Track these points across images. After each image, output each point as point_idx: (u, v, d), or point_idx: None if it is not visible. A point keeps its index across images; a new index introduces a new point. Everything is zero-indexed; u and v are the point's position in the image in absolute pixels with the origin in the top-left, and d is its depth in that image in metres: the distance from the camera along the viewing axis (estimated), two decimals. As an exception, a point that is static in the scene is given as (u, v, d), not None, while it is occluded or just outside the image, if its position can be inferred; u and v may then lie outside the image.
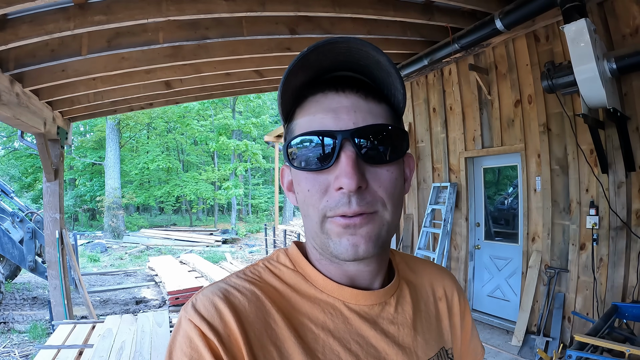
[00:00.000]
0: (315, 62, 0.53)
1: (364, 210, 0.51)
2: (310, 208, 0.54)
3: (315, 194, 0.53)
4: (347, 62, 0.55)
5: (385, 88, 0.57)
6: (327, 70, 0.57)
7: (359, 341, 0.56)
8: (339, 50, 0.52)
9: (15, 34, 2.85)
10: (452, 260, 5.29)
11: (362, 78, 0.57)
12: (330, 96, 0.54)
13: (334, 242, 0.53)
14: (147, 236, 15.82)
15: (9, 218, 7.00)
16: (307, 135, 0.53)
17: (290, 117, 0.58)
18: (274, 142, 13.59)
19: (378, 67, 0.54)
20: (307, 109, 0.55)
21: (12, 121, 3.85)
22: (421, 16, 3.91)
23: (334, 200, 0.51)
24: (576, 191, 3.82)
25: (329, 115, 0.53)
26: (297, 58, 0.50)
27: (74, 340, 4.10)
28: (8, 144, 20.76)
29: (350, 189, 0.50)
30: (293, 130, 0.56)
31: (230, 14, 3.25)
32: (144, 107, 6.07)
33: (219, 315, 0.51)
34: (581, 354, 2.29)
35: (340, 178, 0.50)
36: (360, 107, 0.53)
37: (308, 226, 0.57)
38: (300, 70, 0.52)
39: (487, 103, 4.74)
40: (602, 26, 3.41)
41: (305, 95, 0.56)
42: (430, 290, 0.71)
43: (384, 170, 0.54)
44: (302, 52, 0.50)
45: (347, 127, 0.52)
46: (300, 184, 0.55)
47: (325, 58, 0.53)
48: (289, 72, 0.51)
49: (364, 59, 0.54)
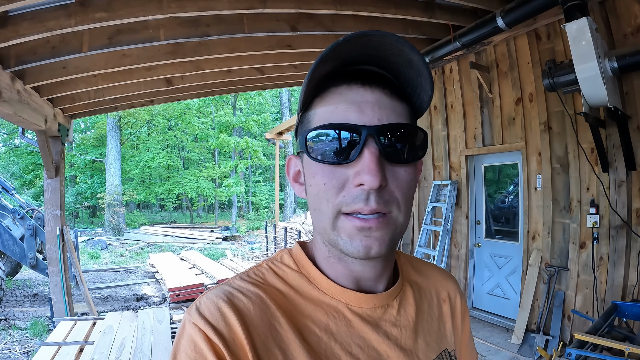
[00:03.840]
0: (345, 53, 0.51)
1: (380, 210, 0.50)
2: (323, 202, 0.53)
3: (331, 188, 0.52)
4: (375, 57, 0.54)
5: (411, 88, 0.56)
6: (353, 63, 0.55)
7: (360, 344, 0.56)
8: (372, 44, 0.51)
9: (16, 31, 2.85)
10: (453, 258, 5.29)
11: (386, 75, 0.56)
12: (355, 89, 0.52)
13: (344, 241, 0.52)
14: (147, 233, 15.83)
15: (10, 215, 7.01)
16: (329, 127, 0.52)
17: (307, 107, 0.57)
18: (275, 140, 13.59)
19: (409, 66, 0.53)
20: (328, 99, 0.53)
21: (13, 118, 3.85)
22: (422, 14, 3.90)
23: (351, 196, 0.51)
24: (577, 190, 3.82)
25: (353, 108, 0.51)
26: (331, 46, 0.48)
27: (74, 336, 4.11)
28: (9, 140, 20.80)
29: (372, 187, 0.49)
30: (310, 120, 0.55)
31: (231, 11, 3.25)
32: (144, 104, 6.07)
33: (224, 318, 0.50)
34: (581, 352, 2.30)
35: (363, 175, 0.49)
36: (384, 104, 0.52)
37: (318, 221, 0.55)
38: (330, 60, 0.51)
39: (488, 101, 4.74)
40: (603, 25, 3.40)
41: (327, 85, 0.54)
42: (434, 292, 0.71)
43: (402, 170, 0.53)
44: (337, 41, 0.48)
45: (371, 123, 0.51)
46: (315, 176, 0.54)
47: (356, 50, 0.52)
48: (320, 60, 0.49)
49: (395, 56, 0.53)
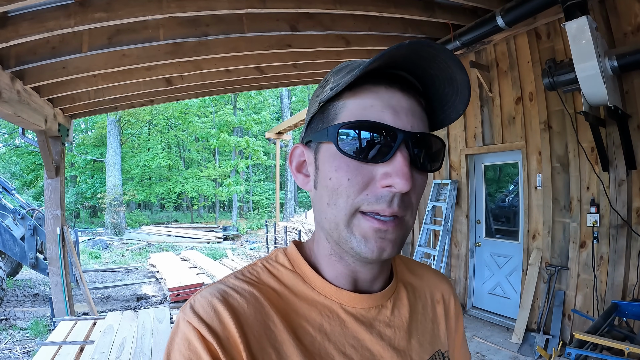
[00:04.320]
0: (399, 56, 0.51)
1: (399, 213, 0.51)
2: (342, 197, 0.52)
3: (355, 185, 0.51)
4: (418, 67, 0.54)
5: (439, 102, 0.57)
6: (395, 66, 0.55)
7: (354, 344, 0.56)
8: (423, 54, 0.51)
9: (16, 31, 2.84)
10: (453, 258, 5.29)
11: (417, 84, 0.57)
12: (391, 92, 0.53)
13: (358, 240, 0.52)
14: (148, 233, 15.82)
15: (10, 215, 7.01)
16: (367, 124, 0.51)
17: (333, 97, 0.55)
18: (275, 139, 13.61)
19: (449, 83, 0.54)
20: (362, 96, 0.53)
21: (13, 118, 3.85)
22: (422, 13, 3.90)
23: (375, 195, 0.51)
24: (577, 189, 3.82)
25: (389, 111, 0.52)
26: (393, 48, 0.48)
27: (75, 336, 4.12)
28: (9, 141, 20.79)
29: (402, 190, 0.49)
30: (338, 112, 0.54)
31: (231, 10, 3.24)
32: (144, 104, 6.07)
33: (218, 317, 0.50)
34: (581, 352, 2.29)
35: (394, 177, 0.50)
36: (416, 113, 0.53)
37: (331, 216, 0.54)
38: (377, 59, 0.50)
39: (488, 100, 4.74)
40: (603, 24, 3.39)
41: (362, 81, 0.53)
42: (428, 293, 0.71)
43: (420, 178, 0.55)
44: (400, 45, 0.47)
45: (405, 128, 0.52)
46: (338, 170, 0.52)
47: (404, 54, 0.51)
48: (379, 57, 0.48)
49: (438, 70, 0.53)
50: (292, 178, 0.86)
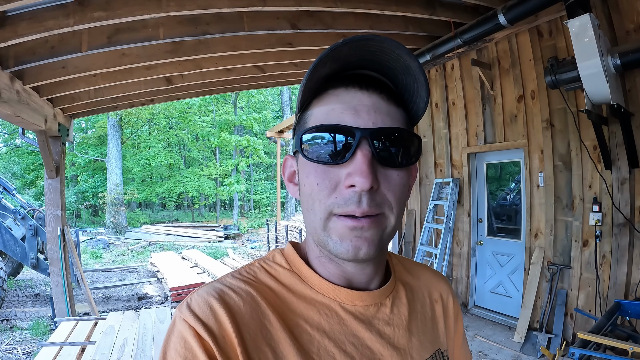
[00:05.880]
0: (345, 56, 0.52)
1: (372, 212, 0.51)
2: (316, 202, 0.53)
3: (324, 189, 0.52)
4: (373, 62, 0.55)
5: (407, 94, 0.57)
6: (352, 67, 0.56)
7: (354, 342, 0.56)
8: (370, 49, 0.52)
9: (14, 31, 2.84)
10: (455, 256, 5.28)
11: (384, 80, 0.57)
12: (352, 92, 0.53)
13: (334, 242, 0.52)
14: (149, 232, 15.82)
15: (11, 215, 7.00)
16: (324, 129, 0.52)
17: (304, 107, 0.57)
18: (276, 138, 13.58)
19: (406, 72, 0.54)
20: (325, 101, 0.54)
21: (12, 119, 3.84)
22: (424, 11, 3.88)
23: (343, 197, 0.51)
24: (579, 187, 3.81)
25: (349, 111, 0.52)
26: (330, 48, 0.49)
27: (76, 337, 4.12)
28: (9, 141, 20.80)
29: (363, 188, 0.49)
30: (307, 120, 0.56)
31: (231, 9, 3.23)
32: (144, 103, 6.06)
33: (214, 315, 0.50)
34: (584, 352, 2.28)
35: (354, 176, 0.50)
36: (380, 109, 0.53)
37: (310, 221, 0.55)
38: (329, 62, 0.52)
39: (489, 98, 4.71)
40: (605, 21, 3.37)
41: (325, 87, 0.55)
42: (426, 292, 0.71)
43: (394, 174, 0.54)
44: (336, 44, 0.49)
45: (366, 125, 0.51)
46: (308, 176, 0.54)
47: (355, 54, 0.53)
48: (318, 62, 0.50)
49: (392, 62, 0.54)
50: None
